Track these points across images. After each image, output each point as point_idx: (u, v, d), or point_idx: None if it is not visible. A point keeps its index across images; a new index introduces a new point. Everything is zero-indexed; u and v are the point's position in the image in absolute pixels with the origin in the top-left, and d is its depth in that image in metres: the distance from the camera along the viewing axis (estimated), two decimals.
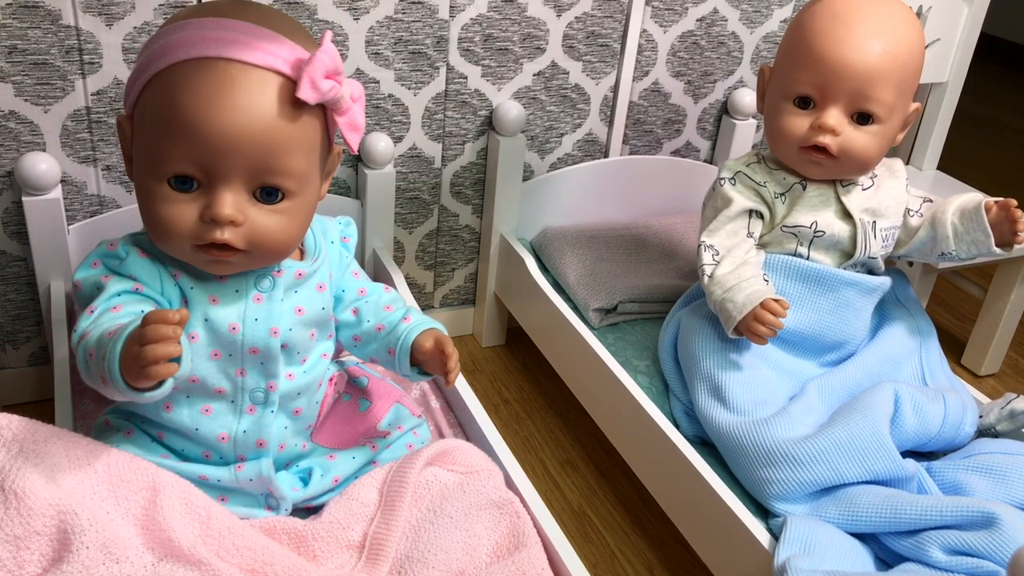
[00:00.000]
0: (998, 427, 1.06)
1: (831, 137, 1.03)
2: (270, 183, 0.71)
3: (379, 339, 0.87)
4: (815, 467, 0.93)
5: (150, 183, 0.71)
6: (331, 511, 0.81)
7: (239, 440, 0.79)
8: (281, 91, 0.70)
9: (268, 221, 0.72)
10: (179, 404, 0.78)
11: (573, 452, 1.32)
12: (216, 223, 0.70)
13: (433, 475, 0.85)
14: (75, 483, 0.70)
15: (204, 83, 0.68)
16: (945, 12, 1.54)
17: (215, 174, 0.70)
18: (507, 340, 1.55)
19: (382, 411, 0.91)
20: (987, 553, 0.84)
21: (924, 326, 1.16)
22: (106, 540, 0.68)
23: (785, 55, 1.08)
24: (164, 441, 0.80)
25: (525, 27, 1.34)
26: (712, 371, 1.05)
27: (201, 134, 0.68)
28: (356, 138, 0.75)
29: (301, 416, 0.83)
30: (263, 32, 0.71)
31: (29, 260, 1.19)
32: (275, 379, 0.79)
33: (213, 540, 0.72)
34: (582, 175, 1.47)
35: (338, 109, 0.73)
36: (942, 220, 1.08)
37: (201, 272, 0.76)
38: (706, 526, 0.99)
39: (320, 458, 0.87)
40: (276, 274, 0.78)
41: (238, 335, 0.76)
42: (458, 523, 0.81)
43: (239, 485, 0.80)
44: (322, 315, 0.83)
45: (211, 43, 0.69)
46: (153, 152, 0.70)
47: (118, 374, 0.64)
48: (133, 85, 0.73)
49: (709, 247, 1.08)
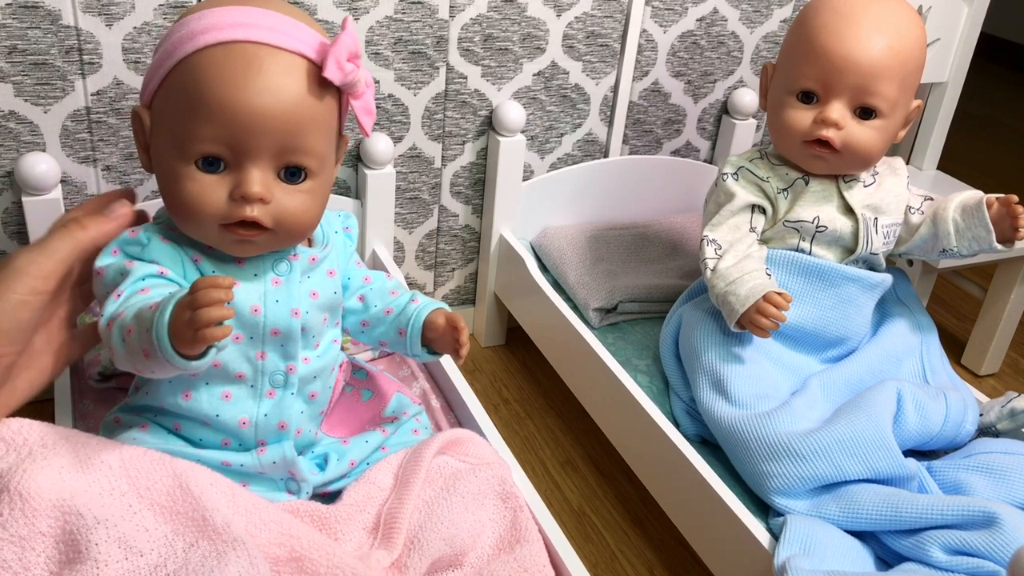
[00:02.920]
0: (998, 426, 1.07)
1: (834, 131, 1.03)
2: (295, 162, 0.74)
3: (387, 322, 0.90)
4: (816, 462, 0.93)
5: (177, 165, 0.73)
6: (350, 494, 0.83)
7: (260, 424, 0.80)
8: (306, 73, 0.73)
9: (293, 200, 0.75)
10: (198, 391, 0.79)
11: (573, 452, 1.32)
12: (246, 200, 0.72)
13: (445, 462, 0.87)
14: (89, 482, 0.70)
15: (233, 65, 0.71)
16: (945, 12, 1.54)
17: (243, 153, 0.72)
18: (507, 340, 1.55)
19: (385, 399, 0.94)
20: (987, 553, 0.84)
21: (925, 323, 1.16)
22: (122, 535, 0.68)
23: (788, 51, 1.08)
24: (181, 432, 0.81)
25: (525, 27, 1.34)
26: (714, 364, 1.05)
27: (231, 114, 0.71)
28: (370, 121, 0.78)
29: (316, 400, 0.85)
30: (286, 19, 0.74)
31: None
32: (294, 360, 0.81)
33: (241, 516, 0.73)
34: (582, 175, 1.47)
35: (354, 92, 0.76)
36: (943, 217, 1.08)
37: (221, 256, 0.78)
38: (706, 526, 0.99)
39: (334, 444, 0.88)
40: (292, 258, 0.81)
41: (260, 316, 0.78)
42: (468, 505, 0.83)
43: (262, 469, 0.81)
44: (334, 299, 0.85)
45: (237, 28, 0.72)
46: (180, 135, 0.72)
47: (167, 342, 0.65)
48: (155, 74, 0.75)
49: (712, 241, 1.08)
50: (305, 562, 0.73)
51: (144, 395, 0.81)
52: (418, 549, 0.79)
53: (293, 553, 0.73)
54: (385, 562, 0.78)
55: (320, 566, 0.73)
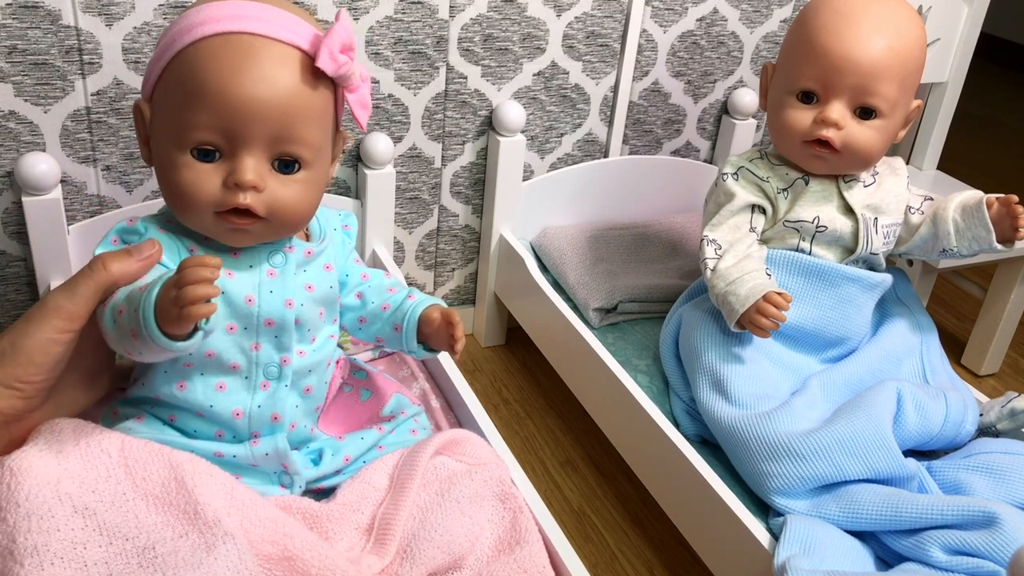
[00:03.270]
0: (998, 426, 1.07)
1: (834, 131, 1.03)
2: (289, 151, 0.75)
3: (384, 318, 0.90)
4: (816, 462, 0.93)
5: (173, 154, 0.74)
6: (344, 493, 0.83)
7: (254, 415, 0.81)
8: (301, 64, 0.75)
9: (286, 190, 0.76)
10: (193, 382, 0.79)
11: (573, 452, 1.32)
12: (239, 187, 0.74)
13: (442, 463, 0.87)
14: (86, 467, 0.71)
15: (229, 55, 0.73)
16: (945, 12, 1.54)
17: (238, 141, 0.73)
18: (507, 340, 1.55)
19: (384, 399, 0.94)
20: (987, 553, 0.84)
21: (925, 323, 1.16)
22: (103, 522, 0.68)
23: (788, 51, 1.08)
24: (176, 423, 0.81)
25: (525, 27, 1.34)
26: (714, 364, 1.05)
27: (226, 102, 0.72)
28: (365, 115, 0.80)
29: (311, 395, 0.85)
30: (282, 12, 0.76)
31: (29, 260, 1.19)
32: (288, 352, 0.81)
33: (237, 511, 0.74)
34: (582, 175, 1.47)
35: (349, 85, 0.77)
36: (943, 217, 1.08)
37: (218, 246, 0.79)
38: (706, 526, 0.99)
39: (329, 440, 0.89)
40: (288, 250, 0.82)
41: (254, 307, 0.79)
42: (464, 508, 0.83)
43: (254, 461, 0.81)
44: (330, 294, 0.85)
45: (234, 19, 0.74)
46: (177, 123, 0.74)
47: (153, 322, 0.66)
48: (154, 66, 0.77)
49: (712, 241, 1.08)
50: (297, 561, 0.73)
51: (141, 386, 0.82)
52: (410, 558, 0.79)
53: (286, 552, 0.73)
54: (376, 568, 0.77)
55: (311, 566, 0.73)
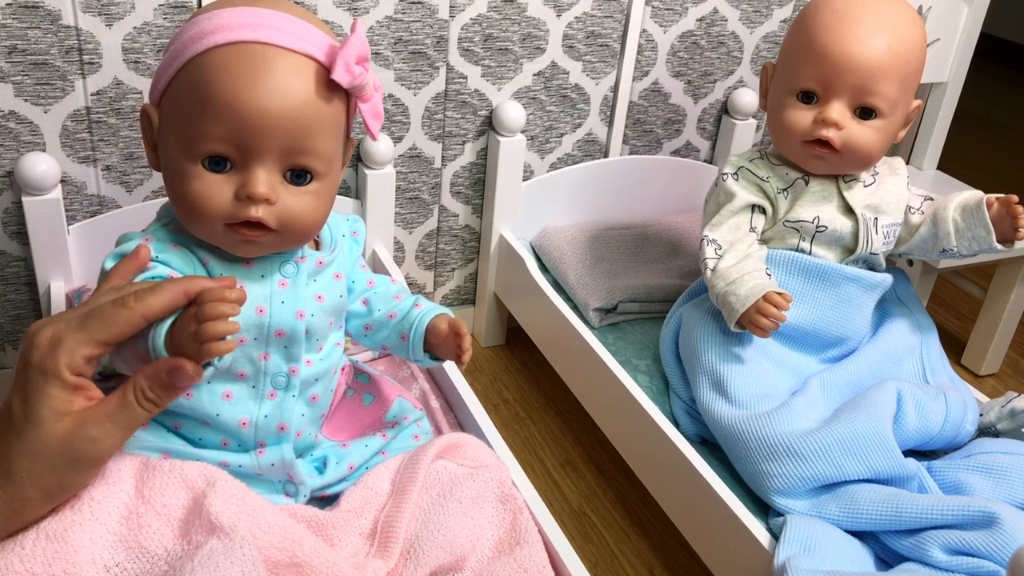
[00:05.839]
0: (998, 425, 1.07)
1: (834, 131, 1.03)
2: (301, 163, 0.74)
3: (390, 326, 0.90)
4: (816, 462, 0.93)
5: (184, 164, 0.73)
6: (348, 500, 0.83)
7: (260, 425, 0.80)
8: (315, 75, 0.73)
9: (298, 202, 0.75)
10: (199, 390, 0.79)
11: (573, 452, 1.32)
12: (251, 200, 0.73)
13: (443, 466, 0.87)
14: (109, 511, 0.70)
15: (242, 65, 0.71)
16: (945, 12, 1.54)
17: (250, 153, 0.72)
18: (507, 340, 1.55)
19: (387, 403, 0.93)
20: (987, 553, 0.84)
21: (925, 323, 1.16)
22: (95, 532, 0.68)
23: (789, 51, 1.08)
24: (181, 431, 0.81)
25: (525, 27, 1.34)
26: (714, 364, 1.05)
27: (239, 113, 0.71)
28: (377, 125, 0.79)
29: (317, 403, 0.85)
30: (296, 20, 0.74)
31: (29, 260, 1.19)
32: (297, 363, 0.81)
33: (248, 517, 0.73)
34: (582, 175, 1.47)
35: (363, 95, 0.76)
36: (943, 217, 1.08)
37: (229, 257, 0.78)
38: (706, 526, 0.99)
39: (333, 448, 0.88)
40: (299, 260, 0.81)
41: (265, 317, 0.78)
42: (466, 509, 0.83)
43: (260, 471, 0.81)
44: (339, 303, 0.85)
45: (248, 28, 0.72)
46: (188, 133, 0.73)
47: (163, 351, 0.65)
48: (164, 72, 0.75)
49: (712, 241, 1.08)
50: (305, 568, 0.73)
51: None
52: (414, 559, 0.79)
53: (294, 559, 0.73)
54: (381, 572, 0.77)
55: (319, 573, 0.73)
